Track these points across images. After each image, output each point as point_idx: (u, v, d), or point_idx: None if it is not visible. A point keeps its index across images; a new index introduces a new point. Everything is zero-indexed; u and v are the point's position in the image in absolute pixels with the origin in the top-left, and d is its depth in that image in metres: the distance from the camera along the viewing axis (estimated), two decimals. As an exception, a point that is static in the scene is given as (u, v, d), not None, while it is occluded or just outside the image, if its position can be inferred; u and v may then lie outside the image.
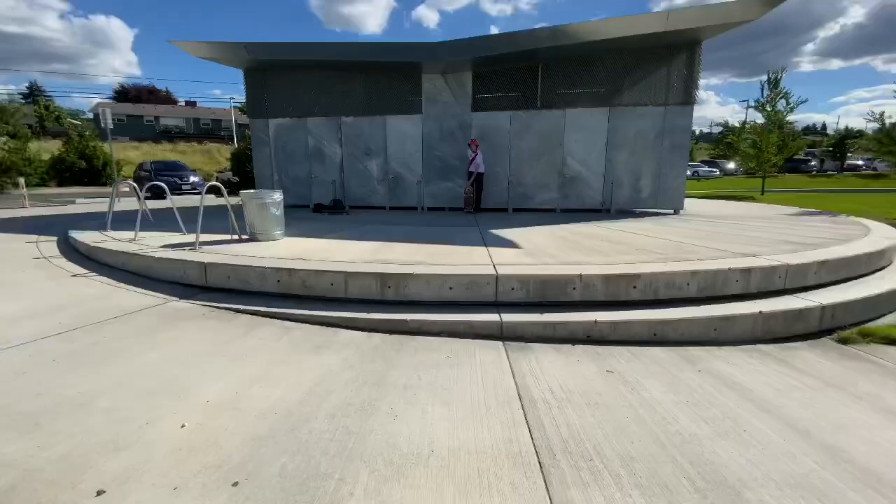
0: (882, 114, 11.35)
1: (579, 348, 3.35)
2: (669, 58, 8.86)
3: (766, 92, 17.87)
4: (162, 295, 4.30)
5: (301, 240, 5.88)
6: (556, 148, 9.53)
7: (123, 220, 7.30)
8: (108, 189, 17.66)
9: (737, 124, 22.83)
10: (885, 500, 1.80)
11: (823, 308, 3.80)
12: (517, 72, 9.40)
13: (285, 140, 10.90)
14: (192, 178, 19.09)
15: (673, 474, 1.92)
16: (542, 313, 3.67)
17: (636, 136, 9.25)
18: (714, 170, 35.81)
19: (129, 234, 6.11)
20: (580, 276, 3.85)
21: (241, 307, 3.93)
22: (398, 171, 10.42)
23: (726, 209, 10.47)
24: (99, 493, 1.72)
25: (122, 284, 4.64)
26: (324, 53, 9.46)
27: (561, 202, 9.70)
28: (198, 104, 55.83)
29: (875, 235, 5.96)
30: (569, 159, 9.54)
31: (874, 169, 35.45)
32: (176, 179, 18.00)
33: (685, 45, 8.74)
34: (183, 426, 2.18)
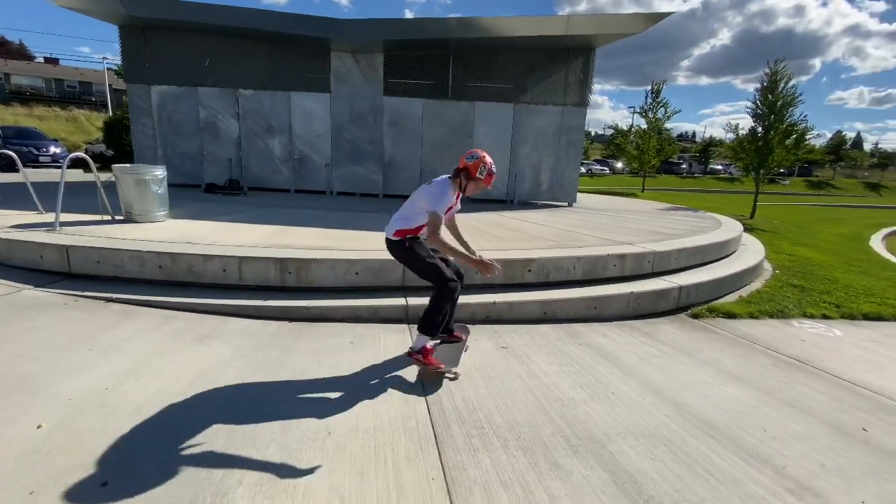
0: (737, 126, 13.41)
1: (479, 328, 3.54)
2: (568, 61, 9.56)
3: (648, 100, 20.18)
4: (12, 283, 3.64)
5: (189, 222, 5.34)
6: (465, 139, 9.79)
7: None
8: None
9: (625, 128, 25.50)
10: (714, 442, 2.21)
11: (681, 288, 4.46)
12: (429, 60, 9.44)
13: (171, 110, 9.71)
14: (53, 149, 16.11)
15: (552, 434, 2.15)
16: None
17: (538, 133, 9.87)
18: (605, 168, 39.58)
19: (-39, 212, 5.03)
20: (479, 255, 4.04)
21: (113, 296, 3.49)
22: (304, 152, 9.90)
23: (612, 203, 11.69)
24: (-84, 513, 1.45)
25: (-49, 271, 3.83)
26: (221, 19, 8.55)
27: (470, 191, 10.02)
28: (60, 63, 47.16)
29: (725, 228, 7.11)
30: (478, 150, 9.87)
31: (730, 173, 41.97)
32: (31, 149, 15.07)
33: (582, 51, 9.49)
34: (39, 427, 1.91)
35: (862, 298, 5.19)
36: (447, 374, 2.64)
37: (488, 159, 2.59)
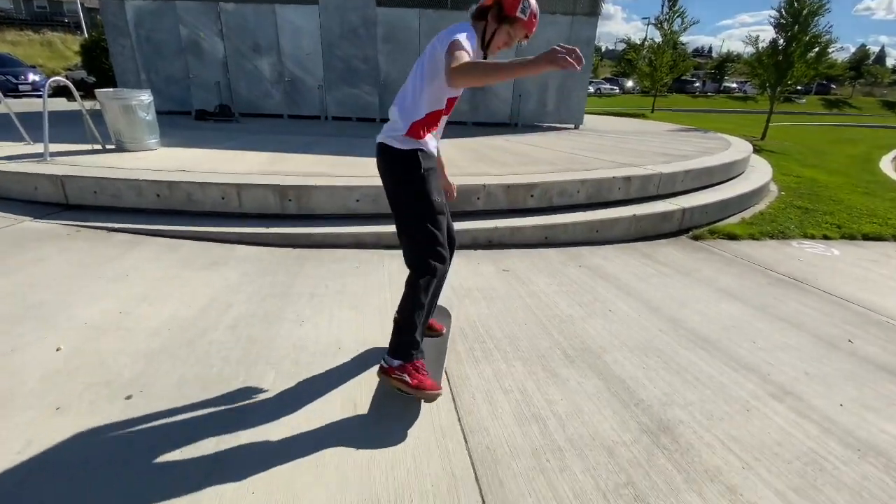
0: (757, 38, 12.45)
1: (480, 252, 3.58)
2: (579, -38, 8.65)
3: (665, 9, 18.57)
4: (10, 215, 3.63)
5: (182, 150, 5.19)
6: (466, 55, 9.17)
7: (-66, 126, 5.77)
8: None
9: (638, 42, 23.71)
10: (704, 353, 2.31)
11: (684, 210, 4.42)
12: (425, -37, 8.55)
13: (150, 28, 9.02)
14: (32, 77, 15.25)
15: (550, 347, 2.25)
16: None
17: (545, 47, 9.16)
18: (615, 88, 37.59)
19: (-54, 143, 4.89)
20: (484, 185, 3.98)
21: (116, 225, 3.49)
22: (295, 72, 9.34)
23: (620, 125, 11.24)
24: (-40, 422, 1.57)
25: (-51, 204, 3.80)
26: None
27: (471, 115, 9.61)
28: (22, -24, 42.87)
29: (733, 149, 6.89)
30: (479, 68, 9.29)
31: (744, 91, 39.86)
32: (10, 78, 14.27)
33: (595, -51, 8.55)
34: (58, 350, 2.00)
35: (864, 219, 5.17)
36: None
37: None
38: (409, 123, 1.62)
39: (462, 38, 1.46)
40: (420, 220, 1.65)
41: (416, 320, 1.69)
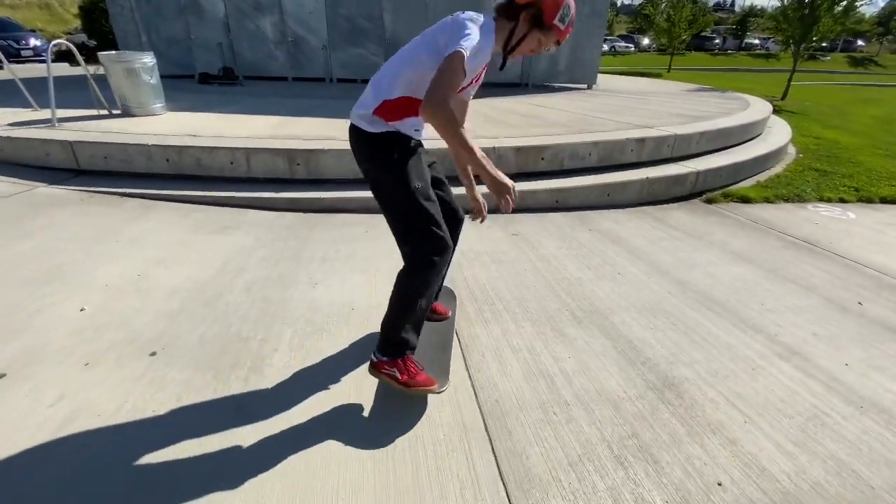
0: (783, -11, 11.73)
1: (490, 217, 3.55)
2: None
3: (686, -42, 17.48)
4: (24, 181, 3.67)
5: (187, 114, 5.15)
6: (475, 9, 8.79)
7: (-58, 92, 5.76)
8: None
9: (656, -5, 22.52)
10: (712, 314, 2.33)
11: (698, 173, 4.33)
12: (432, -89, 8.07)
13: (149, -12, 8.76)
14: (33, 41, 14.97)
15: (558, 309, 2.29)
16: (458, 186, 3.76)
17: None
18: (630, 46, 36.00)
19: (-45, 109, 4.89)
20: (494, 148, 3.92)
21: (128, 191, 3.52)
22: (298, 32, 9.05)
23: (635, 85, 10.84)
24: (0, 376, 1.66)
25: (-37, 170, 3.85)
26: None
27: (480, 75, 9.31)
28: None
29: (752, 110, 6.65)
30: (488, 26, 8.92)
31: (766, 49, 37.95)
32: (11, 43, 14.01)
33: None
34: (83, 309, 2.08)
35: (883, 182, 5.03)
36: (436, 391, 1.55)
37: None
38: (380, 101, 1.40)
39: (469, 48, 1.25)
40: (404, 211, 1.45)
41: (402, 325, 1.49)
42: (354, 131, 1.47)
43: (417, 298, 1.46)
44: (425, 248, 1.42)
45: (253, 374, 1.73)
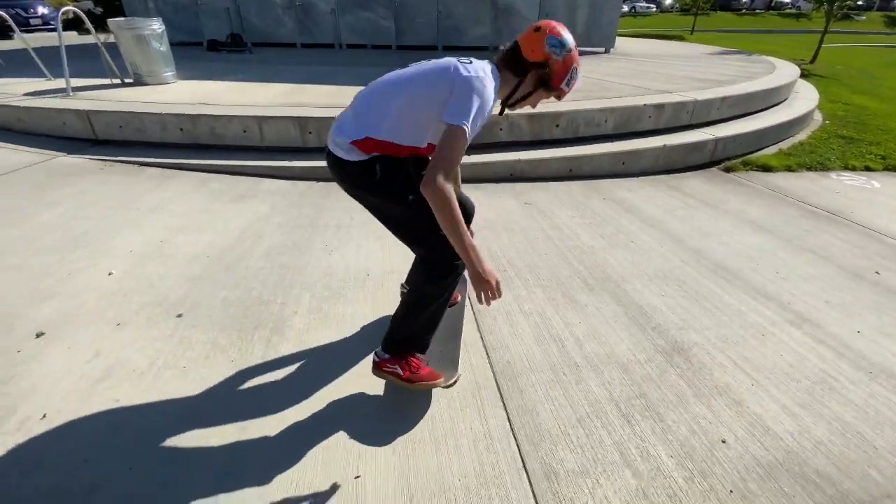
0: (817, -59, 10.97)
1: (503, 186, 3.55)
2: None
3: None
4: (43, 150, 3.74)
5: (199, 83, 5.12)
6: (488, -29, 8.44)
7: (-42, 62, 5.80)
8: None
9: (680, -51, 21.19)
10: (725, 282, 2.34)
11: (717, 140, 4.22)
12: None
13: (154, -49, 8.53)
14: (41, 9, 14.78)
15: (569, 276, 2.31)
16: (469, 155, 3.73)
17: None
18: (651, 6, 34.30)
19: (-27, 80, 4.94)
20: (507, 115, 3.85)
21: (146, 160, 3.57)
22: (307, -3, 8.81)
23: (655, 48, 10.41)
24: (38, 335, 1.76)
25: (-15, 140, 3.93)
26: None
27: (494, 38, 9.01)
28: None
29: (777, 74, 6.37)
30: (502, -13, 8.58)
31: (798, 8, 35.82)
32: (19, 11, 13.83)
33: None
34: (111, 274, 2.17)
35: (914, 149, 4.84)
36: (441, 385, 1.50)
37: (576, 54, 1.37)
38: (363, 136, 1.27)
39: (470, 123, 1.16)
40: (408, 227, 1.40)
41: (419, 321, 1.43)
42: (333, 159, 1.35)
43: (433, 302, 1.41)
44: (438, 254, 1.32)
45: (275, 335, 1.81)
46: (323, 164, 1.30)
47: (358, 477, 1.27)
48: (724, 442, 1.43)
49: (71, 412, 1.43)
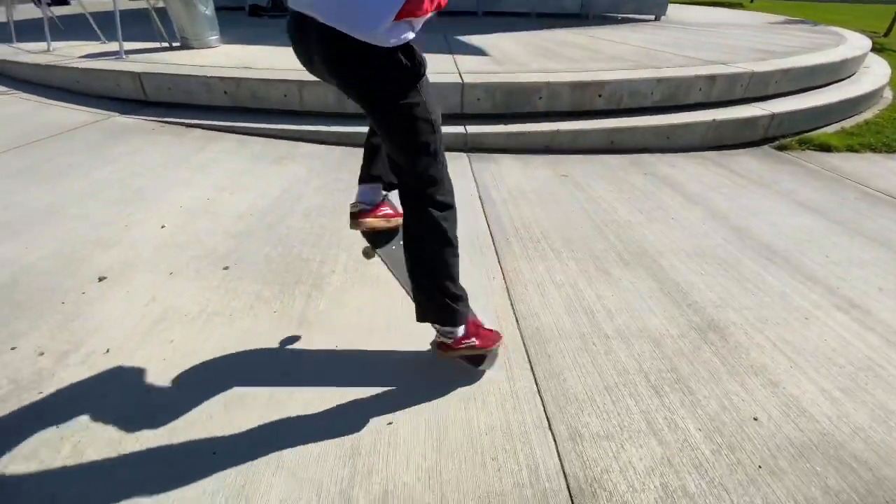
0: None
1: (539, 157, 3.48)
2: None
3: None
4: (99, 111, 3.93)
5: (241, 47, 5.20)
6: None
7: (27, 31, 6.06)
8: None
9: None
10: (770, 263, 2.25)
11: (773, 116, 3.96)
12: None
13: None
14: None
15: (604, 250, 2.28)
16: (506, 124, 3.68)
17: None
18: (710, -30, 31.75)
19: (40, 46, 5.17)
20: (547, 83, 3.74)
21: (192, 121, 3.71)
22: (348, -39, 8.64)
23: (710, 15, 9.72)
24: (101, 279, 1.91)
25: (49, 101, 4.16)
26: None
27: (537, 5, 8.65)
28: None
29: (845, 46, 5.85)
30: (549, -52, 8.15)
31: (877, -28, 32.33)
32: None
33: None
34: (163, 227, 2.30)
35: None
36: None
37: None
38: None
39: None
40: (418, 150, 1.17)
41: (451, 283, 1.28)
42: (341, 42, 0.99)
43: (445, 248, 1.28)
44: (442, 196, 1.24)
45: (314, 290, 1.89)
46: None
47: (391, 423, 1.34)
48: (756, 419, 1.41)
49: (131, 349, 1.56)
